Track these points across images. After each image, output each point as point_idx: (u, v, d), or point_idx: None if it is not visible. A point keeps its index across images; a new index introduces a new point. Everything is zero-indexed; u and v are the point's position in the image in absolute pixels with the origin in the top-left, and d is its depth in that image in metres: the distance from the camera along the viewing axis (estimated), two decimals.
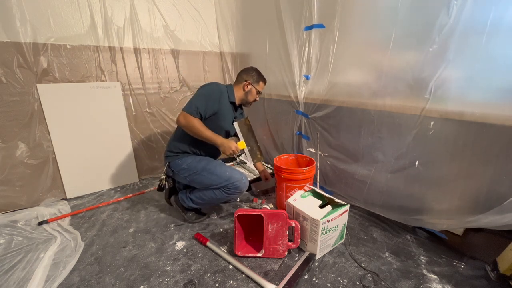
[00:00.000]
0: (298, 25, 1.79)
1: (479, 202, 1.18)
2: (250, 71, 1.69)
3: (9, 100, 1.76)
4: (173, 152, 1.61)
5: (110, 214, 1.81)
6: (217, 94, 1.55)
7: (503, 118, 1.06)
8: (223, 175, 1.52)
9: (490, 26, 1.03)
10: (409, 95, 1.33)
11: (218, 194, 1.54)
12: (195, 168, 1.55)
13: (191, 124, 1.46)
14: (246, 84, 1.66)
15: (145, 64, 2.27)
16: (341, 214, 1.32)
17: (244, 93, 1.67)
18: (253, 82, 1.67)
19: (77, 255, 1.37)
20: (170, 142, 1.66)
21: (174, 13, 2.35)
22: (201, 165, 1.55)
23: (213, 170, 1.54)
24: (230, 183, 1.51)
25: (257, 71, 1.72)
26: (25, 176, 1.89)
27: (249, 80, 1.66)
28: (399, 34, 1.30)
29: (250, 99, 1.70)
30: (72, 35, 1.93)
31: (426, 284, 1.12)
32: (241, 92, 1.67)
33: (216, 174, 1.52)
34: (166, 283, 1.19)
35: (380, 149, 1.52)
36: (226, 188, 1.52)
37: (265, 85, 1.75)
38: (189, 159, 1.58)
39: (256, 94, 1.71)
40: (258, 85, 1.69)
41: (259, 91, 1.72)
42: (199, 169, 1.54)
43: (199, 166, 1.55)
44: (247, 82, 1.66)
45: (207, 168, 1.54)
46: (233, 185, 1.51)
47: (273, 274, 1.22)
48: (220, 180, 1.51)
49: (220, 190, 1.53)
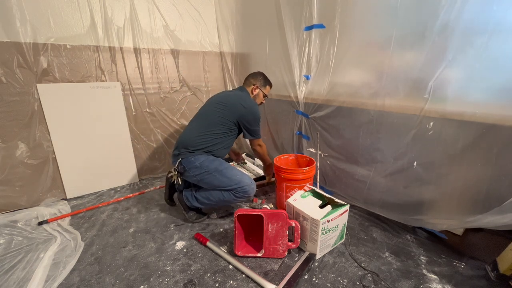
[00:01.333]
0: (298, 25, 1.79)
1: (479, 202, 1.18)
2: (258, 75, 1.81)
3: (9, 100, 1.76)
4: (188, 150, 1.58)
5: (110, 214, 1.81)
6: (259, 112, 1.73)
7: (503, 118, 1.06)
8: (234, 178, 1.53)
9: (490, 26, 1.03)
10: (408, 95, 1.33)
11: (226, 196, 1.54)
12: (207, 167, 1.54)
13: (264, 149, 1.85)
14: (254, 88, 1.78)
15: (145, 64, 2.27)
16: (341, 214, 1.32)
17: (253, 96, 1.79)
18: (260, 86, 1.80)
19: (77, 255, 1.37)
20: (185, 140, 1.61)
21: (174, 13, 2.35)
22: (214, 165, 1.55)
23: (224, 172, 1.54)
24: (240, 187, 1.52)
25: (264, 75, 1.84)
26: (25, 176, 1.89)
27: (256, 84, 1.78)
28: (399, 34, 1.30)
29: (258, 102, 1.82)
30: (72, 35, 1.93)
31: (426, 284, 1.12)
32: (252, 96, 1.79)
33: (227, 177, 1.53)
34: (166, 283, 1.19)
35: (379, 149, 1.52)
36: (235, 191, 1.53)
37: (271, 88, 1.88)
38: (202, 157, 1.57)
39: (262, 98, 1.84)
40: (265, 88, 1.83)
41: (266, 95, 1.85)
42: (211, 169, 1.54)
43: (211, 166, 1.54)
44: (255, 86, 1.78)
45: (220, 170, 1.54)
46: (243, 189, 1.52)
47: (273, 274, 1.22)
48: (231, 182, 1.52)
49: (229, 193, 1.53)
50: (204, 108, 1.73)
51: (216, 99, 1.73)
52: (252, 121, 1.68)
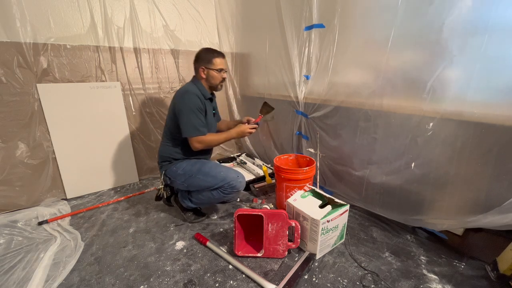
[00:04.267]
0: (298, 25, 1.79)
1: (479, 202, 1.18)
2: (199, 55, 1.57)
3: (9, 100, 1.76)
4: (167, 160, 1.62)
5: (110, 214, 1.81)
6: (199, 101, 1.49)
7: (503, 118, 1.06)
8: (218, 176, 1.52)
9: (489, 25, 1.02)
10: (407, 95, 1.33)
11: (215, 195, 1.54)
12: (190, 171, 1.54)
13: (208, 143, 1.53)
14: (201, 71, 1.56)
15: (145, 64, 2.27)
16: (341, 214, 1.32)
17: (205, 80, 1.58)
18: (205, 64, 1.55)
19: (77, 255, 1.37)
20: (163, 151, 1.64)
21: (174, 13, 2.35)
22: (196, 167, 1.55)
23: (208, 171, 1.53)
24: (226, 183, 1.51)
25: (205, 50, 1.58)
26: (25, 176, 1.89)
27: (201, 65, 1.55)
28: (399, 34, 1.30)
29: (215, 82, 1.58)
30: (72, 35, 1.93)
31: (426, 284, 1.12)
32: (204, 81, 1.58)
33: (211, 176, 1.52)
34: (166, 283, 1.19)
35: (378, 149, 1.51)
36: (223, 188, 1.52)
37: (223, 58, 1.58)
38: (183, 164, 1.58)
39: (217, 74, 1.56)
40: (212, 64, 1.54)
41: (220, 69, 1.56)
42: (194, 172, 1.54)
43: (193, 169, 1.55)
44: (201, 68, 1.56)
45: (202, 171, 1.54)
46: (229, 184, 1.51)
47: (273, 274, 1.22)
48: (216, 181, 1.51)
49: (218, 191, 1.53)
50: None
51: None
52: (180, 111, 1.47)
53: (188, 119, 1.46)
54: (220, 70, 1.56)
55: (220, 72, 1.56)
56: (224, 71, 1.58)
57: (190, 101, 1.47)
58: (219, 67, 1.55)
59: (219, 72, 1.56)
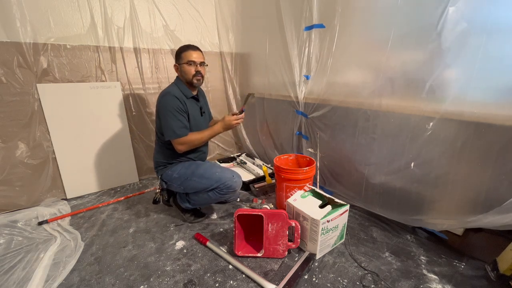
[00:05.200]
0: (298, 25, 1.79)
1: (479, 202, 1.18)
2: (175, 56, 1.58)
3: (9, 100, 1.76)
4: (162, 165, 1.62)
5: (110, 214, 1.81)
6: (178, 102, 1.47)
7: (503, 118, 1.06)
8: (213, 177, 1.51)
9: (488, 25, 1.03)
10: (407, 95, 1.33)
11: (212, 196, 1.54)
12: (185, 174, 1.54)
13: (190, 143, 1.51)
14: (175, 68, 1.58)
15: (145, 64, 2.27)
16: (341, 214, 1.32)
17: (182, 77, 1.56)
18: (177, 61, 1.55)
19: (77, 255, 1.37)
20: (156, 156, 1.65)
21: (174, 13, 2.35)
22: (190, 170, 1.55)
23: (202, 173, 1.53)
24: (222, 183, 1.50)
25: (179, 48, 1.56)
26: (25, 176, 1.89)
27: (175, 64, 1.57)
28: (398, 34, 1.30)
29: (188, 77, 1.53)
30: (72, 35, 1.93)
31: (426, 284, 1.12)
32: (182, 78, 1.57)
33: (206, 177, 1.52)
34: (166, 283, 1.19)
35: (377, 149, 1.51)
36: (219, 189, 1.52)
37: (194, 50, 1.53)
38: (178, 167, 1.58)
39: (188, 67, 1.51)
40: (181, 58, 1.52)
41: (188, 61, 1.50)
42: (189, 175, 1.54)
43: (188, 172, 1.54)
44: (175, 66, 1.58)
45: (197, 173, 1.53)
46: (225, 185, 1.51)
47: (273, 274, 1.22)
48: (211, 182, 1.51)
49: (214, 192, 1.53)
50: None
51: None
52: (160, 114, 1.47)
53: (166, 122, 1.45)
54: (189, 62, 1.50)
55: (190, 64, 1.50)
56: (197, 64, 1.52)
57: (167, 103, 1.46)
58: (187, 59, 1.50)
59: (189, 65, 1.50)
